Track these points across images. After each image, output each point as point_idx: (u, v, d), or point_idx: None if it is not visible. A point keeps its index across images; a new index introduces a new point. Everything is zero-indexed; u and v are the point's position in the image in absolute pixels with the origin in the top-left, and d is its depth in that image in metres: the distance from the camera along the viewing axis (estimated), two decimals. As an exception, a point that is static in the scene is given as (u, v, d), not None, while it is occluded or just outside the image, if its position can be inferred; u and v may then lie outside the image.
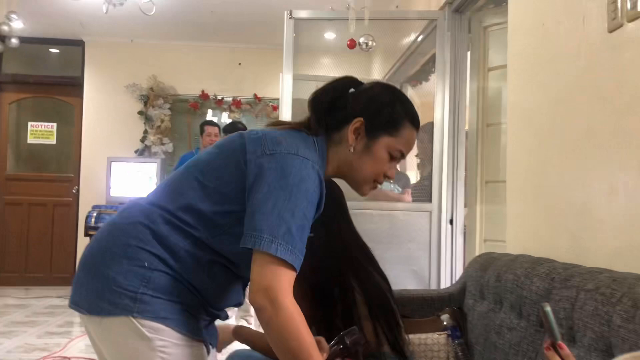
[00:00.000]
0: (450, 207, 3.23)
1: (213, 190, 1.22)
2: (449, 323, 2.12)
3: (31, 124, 6.31)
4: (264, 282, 1.12)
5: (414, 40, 4.16)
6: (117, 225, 1.25)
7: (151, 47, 6.22)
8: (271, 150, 1.21)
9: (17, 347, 3.92)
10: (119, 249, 1.19)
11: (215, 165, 1.25)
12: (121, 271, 1.17)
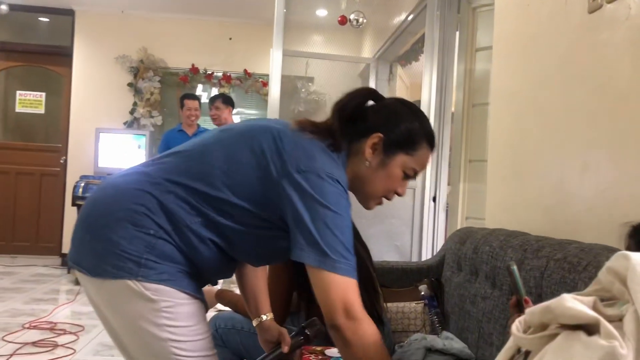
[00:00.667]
0: (434, 185, 3.30)
1: (235, 183, 1.22)
2: (426, 293, 2.19)
3: (20, 92, 6.27)
4: (339, 302, 1.15)
5: (404, 19, 4.19)
6: (123, 190, 1.24)
7: (142, 19, 6.18)
8: (307, 167, 1.19)
9: (3, 311, 3.97)
10: (125, 213, 1.20)
11: (243, 160, 1.23)
12: (126, 236, 1.18)
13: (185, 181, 1.21)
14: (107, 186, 1.29)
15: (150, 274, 1.17)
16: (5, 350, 3.12)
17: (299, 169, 1.18)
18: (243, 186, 1.21)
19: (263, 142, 1.23)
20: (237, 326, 1.87)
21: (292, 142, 1.23)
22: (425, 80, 3.36)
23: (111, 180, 1.31)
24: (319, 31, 6.21)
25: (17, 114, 6.35)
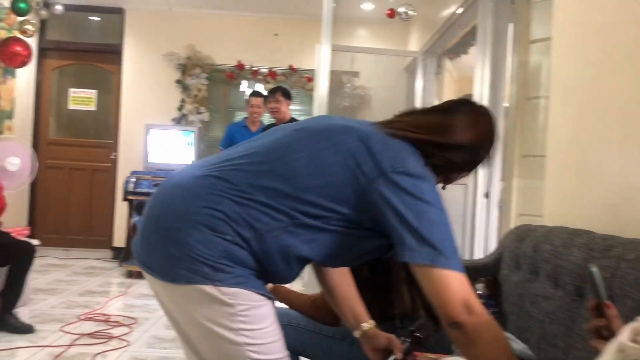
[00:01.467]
0: (487, 181, 3.22)
1: (322, 184, 1.18)
2: (483, 292, 2.14)
3: (72, 90, 6.45)
4: (458, 298, 1.11)
5: (454, 11, 4.11)
6: (198, 193, 1.19)
7: (189, 16, 6.27)
8: (403, 167, 1.17)
9: (60, 303, 4.10)
10: (202, 217, 1.16)
11: (328, 161, 1.19)
12: (203, 240, 1.14)
13: (270, 184, 1.18)
14: (176, 187, 1.24)
15: (226, 277, 1.14)
16: (63, 340, 3.22)
17: (395, 169, 1.16)
18: (330, 187, 1.18)
19: (348, 142, 1.20)
20: (293, 322, 1.86)
21: (381, 143, 1.20)
22: (477, 73, 3.28)
23: (179, 180, 1.26)
24: (365, 25, 6.17)
25: (69, 111, 6.53)
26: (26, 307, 3.85)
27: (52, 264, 5.68)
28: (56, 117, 6.64)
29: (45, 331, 3.37)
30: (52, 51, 6.44)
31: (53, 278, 4.99)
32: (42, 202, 6.39)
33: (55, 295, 4.31)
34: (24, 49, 4.97)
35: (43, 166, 6.11)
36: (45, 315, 3.72)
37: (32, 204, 6.37)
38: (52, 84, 6.50)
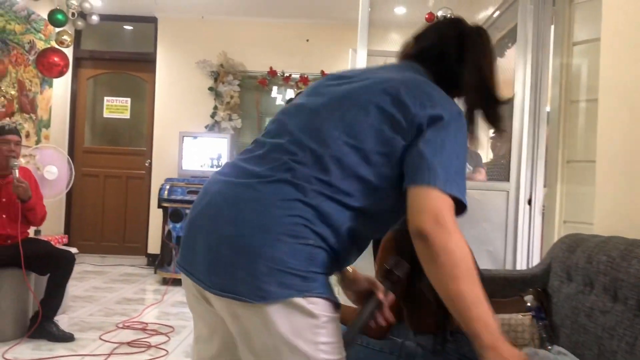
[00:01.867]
0: (529, 186, 3.14)
1: (370, 152, 1.14)
2: (532, 304, 2.07)
3: (107, 99, 6.54)
4: (433, 207, 1.07)
5: (491, 14, 4.03)
6: (266, 202, 1.12)
7: (221, 24, 6.30)
8: (432, 103, 1.16)
9: (98, 310, 4.13)
10: (282, 227, 1.09)
11: (366, 124, 1.16)
12: (288, 251, 1.08)
13: (325, 175, 1.13)
14: (239, 200, 1.14)
15: (314, 287, 1.09)
16: (102, 349, 3.24)
17: (425, 105, 1.15)
18: (380, 152, 1.15)
19: (377, 95, 1.18)
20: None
21: (411, 90, 1.18)
22: (518, 76, 3.20)
23: (238, 194, 1.15)
24: (397, 29, 6.10)
25: (104, 120, 6.62)
26: (65, 314, 3.89)
27: (88, 271, 5.75)
28: (91, 126, 6.74)
29: (85, 339, 3.39)
30: (87, 60, 6.55)
31: (90, 285, 5.04)
32: (78, 209, 6.49)
33: (93, 303, 4.35)
34: (61, 59, 5.05)
35: (79, 174, 6.20)
36: (84, 324, 3.75)
37: (68, 212, 6.47)
38: (87, 92, 6.61)
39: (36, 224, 3.62)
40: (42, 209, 3.57)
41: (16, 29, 5.14)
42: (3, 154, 3.36)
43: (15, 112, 5.14)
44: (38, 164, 4.36)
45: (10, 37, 5.06)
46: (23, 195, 3.36)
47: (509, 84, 3.48)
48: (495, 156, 4.13)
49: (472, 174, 4.09)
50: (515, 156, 3.18)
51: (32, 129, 5.52)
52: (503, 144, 3.56)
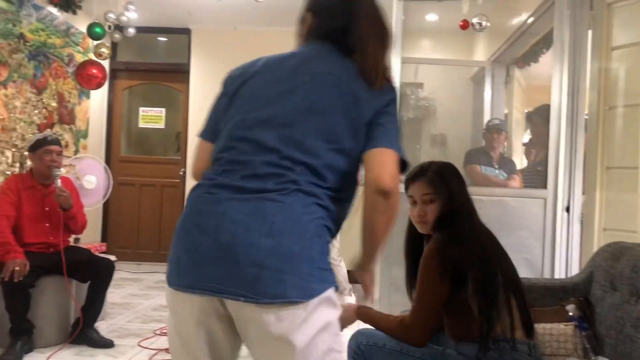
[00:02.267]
0: (567, 194, 3.10)
1: (350, 149, 1.32)
2: (575, 313, 2.05)
3: (142, 109, 6.67)
4: (392, 168, 1.29)
5: (524, 20, 4.00)
6: (290, 209, 1.22)
7: (253, 34, 6.37)
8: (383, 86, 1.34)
9: (135, 317, 4.20)
10: (311, 230, 1.23)
11: (340, 128, 1.31)
12: (319, 250, 1.23)
13: (322, 181, 1.28)
14: (271, 213, 1.21)
15: (333, 277, 1.28)
16: (141, 355, 3.29)
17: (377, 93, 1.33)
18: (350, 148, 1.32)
19: (344, 105, 1.32)
20: (379, 343, 1.83)
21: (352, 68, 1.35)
22: (554, 82, 3.17)
23: (262, 206, 1.22)
24: (429, 36, 6.09)
25: (139, 129, 6.75)
26: (104, 321, 3.97)
27: (125, 278, 5.85)
28: (127, 135, 6.88)
29: (124, 346, 3.46)
30: (123, 72, 6.69)
31: (127, 292, 5.13)
32: (115, 217, 6.61)
33: (130, 310, 4.43)
34: (99, 71, 5.18)
35: (115, 183, 6.31)
36: (122, 330, 3.82)
37: (105, 220, 6.60)
38: (123, 103, 6.75)
39: (77, 232, 3.71)
40: (82, 218, 3.65)
41: (56, 43, 5.29)
42: (46, 164, 3.46)
43: (55, 123, 5.28)
44: (78, 174, 4.48)
45: (51, 51, 5.21)
46: (65, 204, 3.45)
47: (545, 90, 3.45)
48: (530, 163, 4.08)
49: (506, 180, 4.05)
50: (552, 163, 3.14)
51: (71, 140, 5.66)
52: (538, 151, 3.52)
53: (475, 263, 1.69)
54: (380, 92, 1.32)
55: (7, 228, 3.27)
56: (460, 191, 1.85)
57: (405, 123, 5.79)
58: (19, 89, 4.70)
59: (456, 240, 1.73)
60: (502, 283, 1.70)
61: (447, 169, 1.90)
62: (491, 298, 1.66)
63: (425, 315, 1.72)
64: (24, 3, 4.75)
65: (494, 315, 1.65)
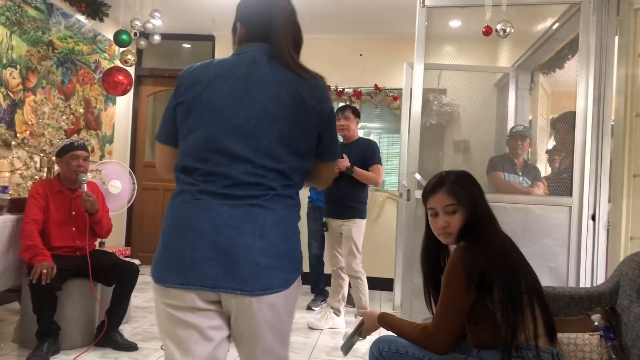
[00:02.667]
0: (593, 201, 3.05)
1: (306, 151, 1.54)
2: (600, 323, 2.01)
3: (166, 115, 6.74)
4: (332, 178, 1.76)
5: (549, 26, 3.96)
6: (277, 214, 1.46)
7: (276, 40, 6.41)
8: (324, 97, 1.57)
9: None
10: (292, 231, 1.51)
11: (297, 134, 1.49)
12: (296, 246, 1.52)
13: (298, 182, 1.56)
14: (261, 217, 1.44)
15: (301, 265, 1.56)
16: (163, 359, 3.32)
17: (322, 100, 1.55)
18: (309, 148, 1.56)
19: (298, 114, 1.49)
20: (401, 350, 1.83)
21: (308, 90, 1.52)
22: (580, 88, 3.13)
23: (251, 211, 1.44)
24: (451, 42, 6.07)
25: (164, 135, 6.82)
26: (128, 324, 4.02)
27: (148, 282, 5.89)
28: (151, 141, 6.97)
29: (148, 349, 3.50)
30: (148, 78, 6.79)
31: (150, 296, 5.19)
32: (138, 222, 6.70)
33: (153, 314, 4.46)
34: (125, 77, 5.26)
35: (139, 188, 6.40)
36: (145, 333, 3.87)
37: (129, 224, 6.69)
38: (147, 109, 6.84)
39: (102, 236, 3.76)
40: (108, 222, 3.71)
41: (83, 50, 5.40)
42: (72, 169, 3.52)
43: (82, 129, 5.38)
44: (103, 179, 4.55)
45: (79, 58, 5.31)
46: (91, 208, 3.52)
47: (571, 97, 3.41)
48: (555, 170, 4.03)
49: (530, 188, 4.00)
50: (577, 170, 3.10)
51: (97, 145, 5.76)
52: (562, 158, 3.48)
53: (500, 270, 1.68)
54: (322, 97, 1.53)
55: (35, 232, 3.34)
56: (481, 199, 1.85)
57: (427, 129, 5.78)
58: (47, 95, 4.80)
59: (481, 248, 1.73)
60: (525, 290, 1.69)
61: (465, 178, 1.90)
62: (516, 305, 1.65)
63: (448, 323, 1.72)
64: (53, 11, 4.86)
65: (518, 322, 1.64)
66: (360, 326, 2.03)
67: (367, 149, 4.27)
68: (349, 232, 4.15)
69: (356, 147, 4.31)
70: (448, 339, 1.73)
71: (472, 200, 1.82)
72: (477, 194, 1.85)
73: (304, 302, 5.23)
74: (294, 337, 3.99)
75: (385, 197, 6.25)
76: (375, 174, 4.22)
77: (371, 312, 2.01)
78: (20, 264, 3.45)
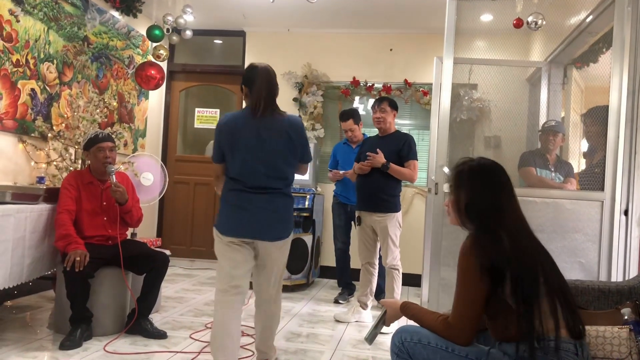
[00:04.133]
0: (626, 196, 2.99)
1: (294, 162, 2.86)
2: (630, 317, 1.98)
3: (197, 110, 6.85)
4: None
5: (583, 19, 3.88)
6: (281, 200, 2.81)
7: (306, 36, 6.45)
8: (303, 133, 2.85)
9: (188, 311, 4.32)
10: (290, 208, 2.89)
11: (289, 154, 2.80)
12: (291, 217, 2.91)
13: (289, 178, 2.87)
14: (274, 201, 2.78)
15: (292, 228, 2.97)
16: (193, 347, 3.39)
17: (302, 136, 2.85)
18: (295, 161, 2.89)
19: (286, 149, 2.80)
20: (424, 340, 1.83)
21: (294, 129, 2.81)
22: (614, 83, 3.07)
23: (270, 198, 2.78)
24: (483, 36, 5.99)
25: (195, 130, 6.94)
26: (158, 313, 4.10)
27: (179, 274, 6.02)
28: (183, 135, 7.08)
29: (177, 337, 3.56)
30: (180, 74, 6.90)
31: (180, 287, 5.28)
32: (170, 215, 6.82)
33: (183, 304, 4.56)
34: (158, 71, 5.36)
35: (170, 181, 6.50)
36: (175, 322, 3.94)
37: (160, 217, 6.81)
38: (179, 104, 6.95)
39: (133, 225, 3.84)
40: (137, 212, 3.78)
41: (117, 45, 5.51)
42: (100, 161, 3.60)
43: (115, 122, 5.50)
44: (136, 171, 4.64)
45: (113, 53, 5.43)
46: (120, 198, 3.59)
47: (605, 91, 3.34)
48: (590, 164, 3.96)
49: (562, 184, 3.94)
50: (610, 165, 3.04)
51: (130, 138, 5.88)
52: (595, 153, 3.42)
53: (511, 261, 1.67)
54: (299, 130, 2.80)
55: (69, 221, 3.43)
56: (483, 192, 1.83)
57: (458, 124, 5.72)
58: (82, 89, 4.92)
59: (488, 237, 1.73)
60: (543, 282, 1.67)
61: (472, 170, 1.89)
62: (528, 297, 1.63)
63: (465, 313, 1.72)
64: (88, 7, 4.98)
65: (532, 314, 1.62)
66: (383, 315, 2.04)
67: (403, 143, 4.21)
68: (385, 227, 4.12)
69: (392, 140, 4.26)
70: (468, 329, 1.73)
71: (469, 189, 1.84)
72: (476, 187, 1.84)
73: (331, 295, 5.25)
74: (320, 329, 4.01)
75: (415, 192, 6.22)
76: (410, 169, 4.17)
77: (394, 301, 2.01)
78: (55, 252, 3.55)
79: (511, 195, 1.84)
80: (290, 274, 5.24)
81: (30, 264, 3.36)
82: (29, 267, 3.36)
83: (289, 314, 4.44)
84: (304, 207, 5.50)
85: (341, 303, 4.99)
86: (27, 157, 4.25)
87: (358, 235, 4.36)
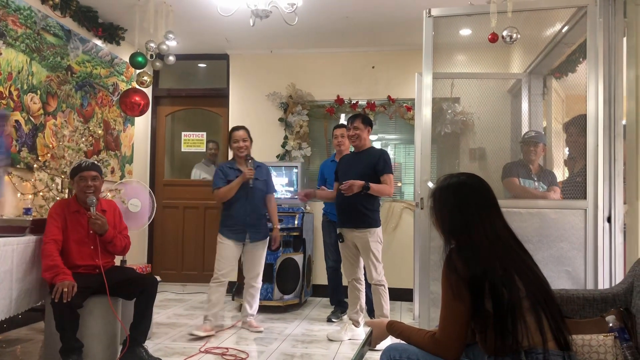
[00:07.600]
0: (608, 204, 3.04)
1: None
2: (615, 324, 2.00)
3: (184, 133, 6.87)
4: None
5: (558, 30, 3.96)
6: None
7: (289, 57, 6.51)
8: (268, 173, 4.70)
9: (181, 336, 4.30)
10: None
11: None
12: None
13: None
14: None
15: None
16: (185, 373, 3.36)
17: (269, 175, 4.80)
18: None
19: None
20: (412, 357, 1.84)
21: None
22: (590, 92, 3.13)
23: None
24: (463, 50, 6.08)
25: (182, 153, 6.95)
26: (150, 340, 4.08)
27: (170, 299, 5.98)
28: (170, 160, 7.08)
29: (169, 364, 3.54)
30: (165, 98, 6.92)
31: (172, 312, 5.25)
32: (159, 239, 6.79)
33: (175, 329, 4.53)
34: (142, 98, 5.38)
35: (159, 206, 6.50)
36: (168, 349, 3.92)
37: (150, 242, 6.78)
38: (165, 129, 6.96)
39: (117, 254, 3.81)
40: (122, 241, 3.74)
41: (101, 73, 5.54)
42: (82, 190, 3.59)
43: (101, 150, 5.50)
44: (123, 198, 4.64)
45: (97, 81, 5.45)
46: (99, 230, 3.57)
47: (582, 100, 3.40)
48: (572, 173, 4.01)
49: (546, 192, 3.98)
50: (591, 173, 3.09)
51: (117, 165, 5.88)
52: (577, 161, 3.47)
53: (487, 272, 1.69)
54: (267, 174, 4.73)
55: (55, 251, 3.41)
56: (453, 209, 1.86)
57: (442, 138, 5.78)
58: (67, 118, 4.93)
59: (464, 252, 1.75)
60: (525, 295, 1.68)
61: (441, 190, 1.93)
62: (506, 310, 1.64)
63: (451, 328, 1.73)
64: (71, 37, 5.00)
65: (516, 326, 1.64)
66: (369, 336, 2.04)
67: (378, 158, 4.26)
68: (365, 243, 4.14)
69: (368, 155, 4.30)
70: (456, 344, 1.74)
71: (440, 208, 1.89)
72: (451, 203, 1.88)
73: (324, 314, 5.24)
74: (314, 349, 4.00)
75: (403, 207, 6.24)
76: (387, 183, 4.21)
77: (379, 321, 2.02)
78: (43, 283, 3.52)
79: (487, 208, 1.85)
80: (282, 294, 5.23)
81: (18, 296, 3.33)
82: (17, 300, 3.33)
83: (282, 334, 4.42)
84: (294, 227, 5.51)
85: (334, 321, 4.98)
86: (13, 189, 4.24)
87: (342, 252, 4.38)
